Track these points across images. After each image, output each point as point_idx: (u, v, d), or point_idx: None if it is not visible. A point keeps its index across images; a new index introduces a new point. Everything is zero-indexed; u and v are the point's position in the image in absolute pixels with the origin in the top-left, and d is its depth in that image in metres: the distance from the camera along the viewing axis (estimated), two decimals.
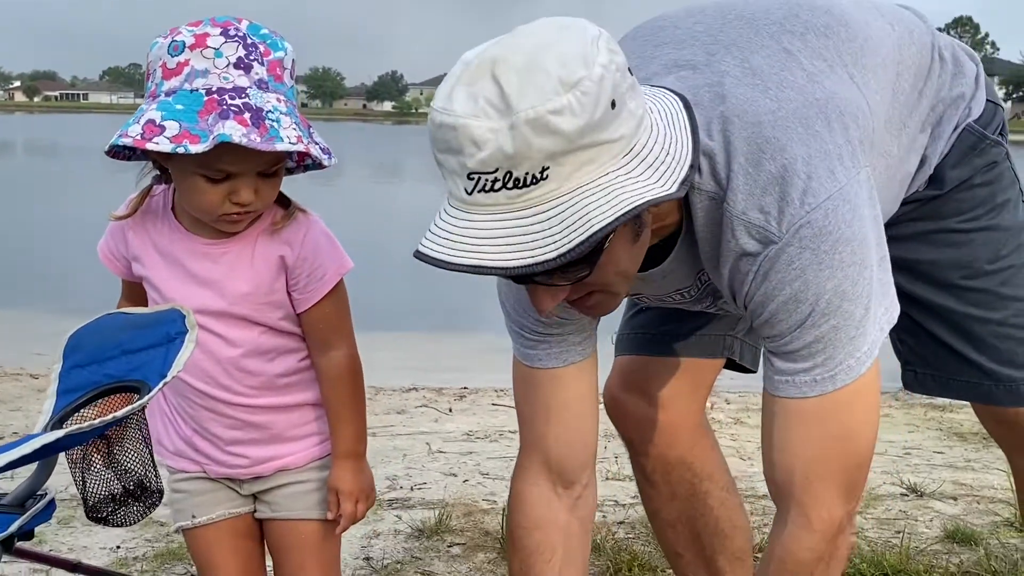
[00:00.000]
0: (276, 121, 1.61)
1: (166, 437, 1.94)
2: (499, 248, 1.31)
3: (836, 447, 1.57)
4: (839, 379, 1.51)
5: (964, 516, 3.60)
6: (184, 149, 1.56)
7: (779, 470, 1.61)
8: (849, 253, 1.46)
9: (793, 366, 1.54)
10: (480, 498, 3.76)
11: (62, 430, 1.28)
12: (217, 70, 1.62)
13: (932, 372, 1.99)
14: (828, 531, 1.59)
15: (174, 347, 1.44)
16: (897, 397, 5.92)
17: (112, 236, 1.90)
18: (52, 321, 7.60)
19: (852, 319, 1.49)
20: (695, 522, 2.18)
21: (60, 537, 3.21)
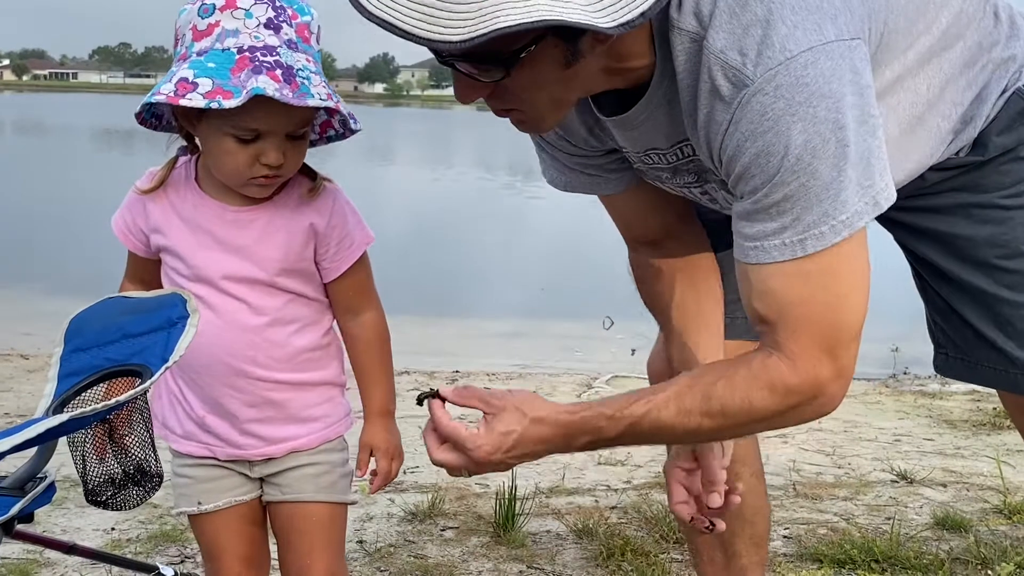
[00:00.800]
0: (307, 79, 1.65)
1: (173, 419, 1.93)
2: (416, 15, 1.30)
3: (822, 309, 1.50)
4: (809, 244, 1.46)
5: (953, 503, 3.63)
6: (218, 104, 1.59)
7: (762, 315, 1.55)
8: (824, 109, 1.40)
9: (762, 227, 1.48)
10: (473, 482, 3.77)
11: (65, 414, 1.27)
12: (248, 30, 1.65)
13: (961, 356, 1.93)
14: (809, 383, 1.52)
15: (176, 331, 1.44)
16: (887, 384, 5.95)
17: (130, 209, 1.89)
18: (42, 301, 7.60)
19: (822, 179, 1.42)
20: None
21: (54, 519, 3.21)
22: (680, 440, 1.67)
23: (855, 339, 1.55)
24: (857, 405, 5.31)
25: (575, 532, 3.23)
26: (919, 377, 6.26)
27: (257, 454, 1.91)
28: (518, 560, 3.02)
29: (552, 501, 3.55)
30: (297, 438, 1.92)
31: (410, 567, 2.94)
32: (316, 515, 1.95)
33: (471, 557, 3.04)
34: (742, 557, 2.20)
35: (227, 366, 1.84)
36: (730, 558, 2.21)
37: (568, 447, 1.60)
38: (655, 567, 2.89)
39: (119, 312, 1.55)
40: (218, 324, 1.81)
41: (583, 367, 6.22)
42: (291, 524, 1.95)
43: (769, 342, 1.55)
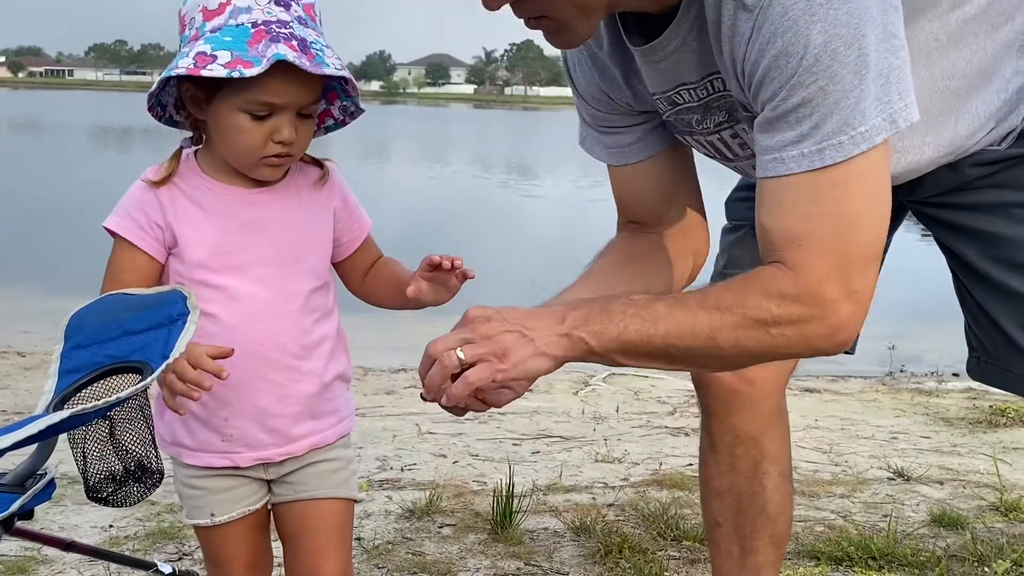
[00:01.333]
0: (320, 51, 1.68)
1: (184, 433, 1.87)
2: None
3: (831, 223, 1.46)
4: (827, 155, 1.43)
5: (950, 500, 3.64)
6: (239, 73, 1.61)
7: (770, 233, 1.52)
8: (845, 14, 1.40)
9: (781, 137, 1.46)
10: (470, 479, 3.78)
11: (66, 411, 1.27)
12: (259, 6, 1.68)
13: (992, 361, 1.93)
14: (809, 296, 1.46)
15: (176, 329, 1.44)
16: (884, 382, 5.96)
17: (143, 206, 1.82)
18: (40, 300, 7.60)
19: (842, 84, 1.41)
20: (744, 498, 2.18)
21: (51, 516, 3.21)
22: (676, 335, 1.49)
23: (868, 264, 1.50)
24: (854, 403, 5.33)
25: (572, 529, 3.23)
26: (916, 375, 6.27)
27: (280, 453, 1.88)
28: (515, 557, 3.02)
29: (549, 498, 3.56)
30: (316, 433, 1.91)
31: (408, 564, 2.94)
32: (332, 512, 1.94)
33: (468, 554, 3.05)
34: (759, 554, 2.20)
35: (259, 356, 1.81)
36: (747, 554, 2.21)
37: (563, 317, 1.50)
38: (652, 564, 2.90)
39: (120, 309, 1.55)
40: (249, 312, 1.79)
41: (580, 366, 6.21)
42: (304, 523, 1.93)
43: (774, 258, 1.51)
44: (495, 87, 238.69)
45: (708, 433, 2.22)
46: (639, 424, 4.73)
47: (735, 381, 2.13)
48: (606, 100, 1.86)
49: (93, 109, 61.86)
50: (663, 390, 5.46)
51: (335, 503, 1.94)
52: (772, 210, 1.51)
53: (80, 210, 13.92)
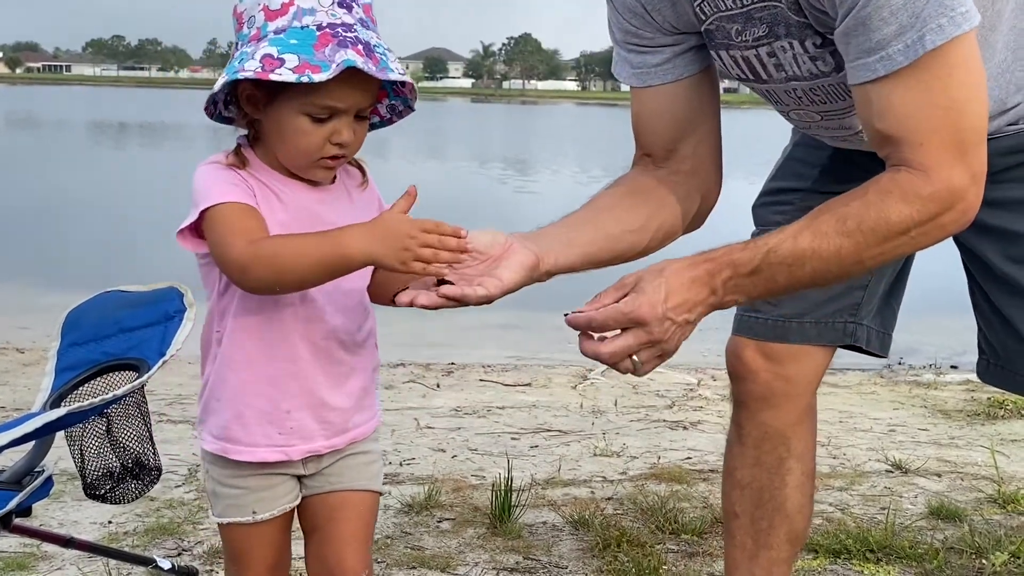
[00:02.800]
0: (384, 54, 1.67)
1: (238, 429, 1.84)
2: None
3: (947, 116, 1.50)
4: (929, 40, 1.45)
5: (948, 493, 3.64)
6: (308, 78, 1.60)
7: (885, 136, 1.55)
8: None
9: (881, 35, 1.48)
10: (469, 474, 3.78)
11: (63, 409, 1.28)
12: (323, 8, 1.66)
13: (1002, 364, 1.94)
14: (943, 189, 1.51)
15: (172, 325, 1.45)
16: (882, 375, 5.96)
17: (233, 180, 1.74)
18: (38, 295, 7.59)
19: None
20: (765, 492, 2.18)
21: (51, 512, 3.21)
22: (824, 270, 1.56)
23: (981, 143, 1.54)
24: (852, 396, 5.33)
25: (571, 523, 3.24)
26: (914, 367, 6.27)
27: (327, 446, 1.88)
28: (514, 551, 3.03)
29: (548, 492, 3.56)
30: (358, 427, 1.91)
31: (407, 559, 2.95)
32: (363, 504, 1.94)
33: (467, 548, 3.05)
34: (773, 550, 2.20)
35: (323, 350, 1.81)
36: (761, 548, 2.20)
37: (714, 289, 1.55)
38: (651, 558, 2.90)
39: (116, 306, 1.55)
40: (319, 307, 1.79)
41: (578, 359, 6.20)
42: (336, 514, 1.92)
43: (895, 160, 1.54)
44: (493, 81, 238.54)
45: (737, 425, 2.21)
46: (637, 418, 4.73)
47: (772, 378, 2.13)
48: (642, 12, 1.85)
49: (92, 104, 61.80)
50: (661, 384, 5.47)
51: (366, 495, 1.95)
52: (884, 114, 1.53)
53: (79, 206, 13.94)
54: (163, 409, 4.55)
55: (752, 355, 2.14)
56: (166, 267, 1.86)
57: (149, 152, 26.46)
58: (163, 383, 5.04)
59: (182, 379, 5.16)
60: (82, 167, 20.03)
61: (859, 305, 2.10)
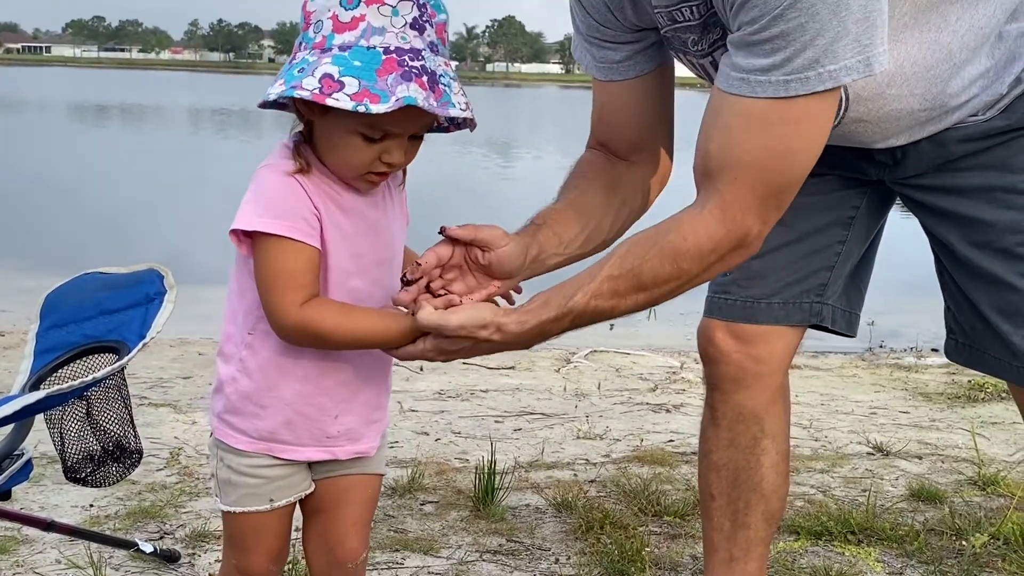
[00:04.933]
0: (448, 86, 1.60)
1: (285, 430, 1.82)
2: None
3: (771, 160, 1.56)
4: (792, 87, 1.49)
5: (929, 475, 3.66)
6: (365, 108, 1.53)
7: (711, 160, 1.60)
8: None
9: (752, 62, 1.52)
10: (452, 456, 3.78)
11: (42, 391, 1.27)
12: (394, 29, 1.58)
13: (969, 344, 1.96)
14: (735, 232, 1.59)
15: (153, 307, 1.44)
16: (863, 358, 5.99)
17: (289, 198, 1.68)
18: (18, 277, 7.53)
19: (820, 22, 1.45)
20: (741, 473, 2.19)
21: (31, 495, 3.19)
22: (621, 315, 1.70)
23: (789, 195, 1.61)
24: (834, 378, 5.35)
25: (554, 506, 3.24)
26: (895, 350, 6.31)
27: (372, 447, 1.89)
28: (498, 534, 3.03)
29: (531, 475, 3.57)
30: (383, 420, 1.93)
31: (390, 542, 2.94)
32: (371, 487, 1.95)
33: (451, 531, 3.05)
34: (750, 529, 2.22)
35: (372, 355, 1.79)
36: (739, 528, 2.22)
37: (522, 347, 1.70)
38: (634, 540, 2.91)
39: (95, 288, 1.54)
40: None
41: (561, 342, 6.22)
42: (342, 497, 1.91)
43: (705, 190, 1.61)
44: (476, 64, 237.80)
45: (711, 408, 2.23)
46: (620, 401, 4.74)
47: (743, 359, 2.15)
48: (604, 10, 1.85)
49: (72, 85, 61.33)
50: (644, 367, 5.48)
51: (373, 478, 1.95)
52: (720, 133, 1.58)
53: (59, 187, 13.84)
54: (144, 392, 4.53)
55: (723, 337, 2.16)
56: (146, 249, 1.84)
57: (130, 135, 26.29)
58: (144, 366, 5.02)
59: (163, 362, 5.13)
60: (61, 149, 19.89)
61: (825, 286, 2.13)
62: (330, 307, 1.68)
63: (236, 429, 1.81)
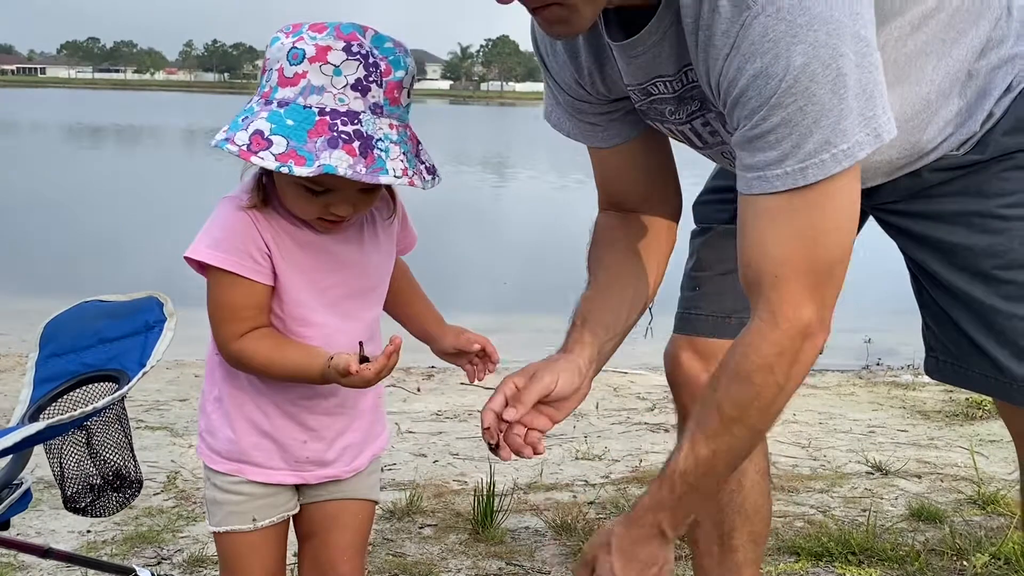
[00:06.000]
0: (384, 151, 1.59)
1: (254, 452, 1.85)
2: None
3: (806, 247, 1.54)
4: (810, 173, 1.47)
5: (928, 494, 3.65)
6: (288, 170, 1.53)
7: (749, 267, 1.59)
8: (825, 34, 1.42)
9: (764, 157, 1.50)
10: (451, 479, 3.77)
11: (42, 422, 1.26)
12: (334, 90, 1.58)
13: (952, 361, 1.96)
14: (792, 329, 1.56)
15: (153, 335, 1.43)
16: (861, 376, 5.99)
17: (239, 232, 1.72)
18: (12, 300, 7.51)
19: (820, 104, 1.44)
20: (723, 496, 2.18)
21: (28, 521, 3.18)
22: (735, 453, 1.65)
23: (837, 273, 1.58)
24: (831, 397, 5.35)
25: (553, 528, 3.23)
26: (892, 368, 6.30)
27: (348, 471, 1.90)
28: (497, 557, 3.02)
29: (530, 497, 3.56)
30: (373, 446, 1.94)
31: (389, 565, 2.93)
32: (361, 512, 1.95)
33: (450, 555, 3.04)
34: (738, 552, 2.21)
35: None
36: (726, 552, 2.21)
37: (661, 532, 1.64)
38: None
39: (95, 316, 1.54)
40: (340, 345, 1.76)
41: None
42: (332, 522, 1.92)
43: (754, 301, 1.59)
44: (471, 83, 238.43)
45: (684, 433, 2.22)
46: (619, 421, 4.73)
47: None
48: (577, 88, 1.85)
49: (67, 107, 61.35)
50: (642, 386, 5.47)
51: (364, 504, 1.96)
52: (751, 239, 1.57)
53: (53, 209, 13.82)
54: (141, 415, 4.51)
55: (689, 360, 2.16)
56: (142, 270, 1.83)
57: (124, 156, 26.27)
58: (141, 389, 5.00)
59: (160, 385, 5.12)
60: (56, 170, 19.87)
61: None
62: (265, 342, 1.71)
63: (212, 449, 1.85)
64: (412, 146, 1.66)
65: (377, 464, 1.99)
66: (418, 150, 1.68)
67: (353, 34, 1.60)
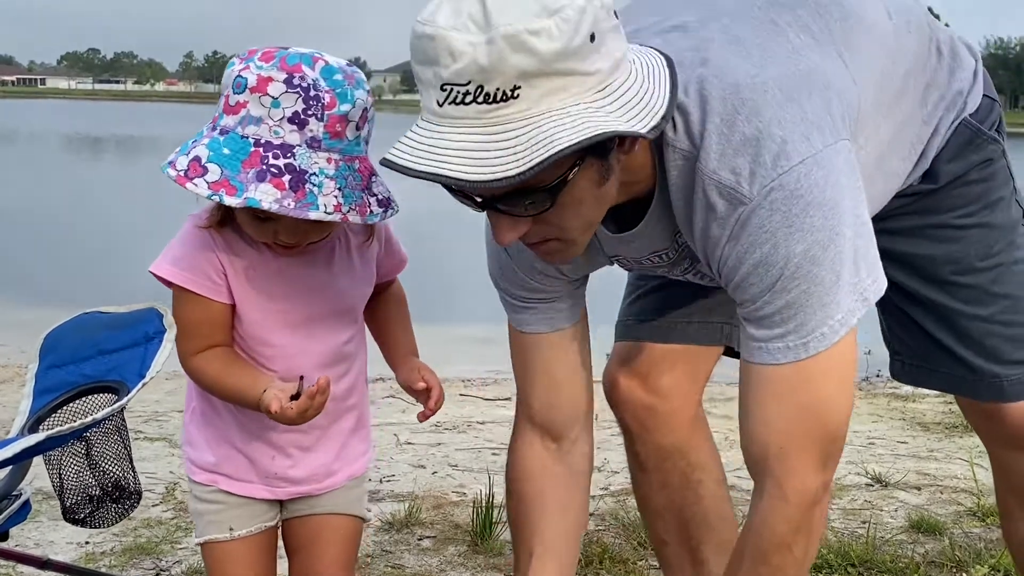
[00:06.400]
0: (317, 186, 1.57)
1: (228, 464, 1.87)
2: (463, 160, 1.31)
3: (809, 418, 1.56)
4: (812, 347, 1.51)
5: (928, 506, 3.65)
6: (219, 198, 1.54)
7: (754, 442, 1.61)
8: (820, 218, 1.46)
9: (766, 332, 1.53)
10: (449, 490, 3.76)
11: (42, 433, 1.26)
12: (270, 122, 1.57)
13: (918, 363, 2.01)
14: (803, 502, 1.58)
15: (152, 347, 1.43)
16: (860, 387, 5.98)
17: (197, 251, 1.74)
18: (11, 311, 7.51)
19: (823, 285, 1.48)
20: (683, 511, 2.19)
21: (26, 532, 3.17)
22: None
23: (840, 437, 1.62)
24: None
25: None
26: (891, 380, 6.29)
27: (320, 488, 1.90)
28: (496, 569, 3.01)
29: None
30: (351, 464, 1.94)
31: None
32: (343, 528, 1.95)
33: (449, 566, 3.03)
34: (709, 564, 2.21)
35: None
36: (698, 566, 2.22)
37: None
38: (633, 574, 2.90)
39: (94, 328, 1.54)
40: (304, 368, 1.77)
41: None
42: (315, 537, 1.92)
43: (759, 476, 1.62)
44: None
45: (634, 454, 2.24)
46: (617, 432, 4.69)
47: (648, 397, 2.15)
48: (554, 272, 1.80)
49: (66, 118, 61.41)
50: None
51: (346, 519, 1.95)
52: (754, 412, 1.60)
53: (53, 220, 13.82)
54: (140, 426, 4.51)
55: (626, 381, 2.17)
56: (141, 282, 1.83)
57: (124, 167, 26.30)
58: (140, 400, 4.98)
59: (159, 395, 5.11)
60: (56, 181, 19.89)
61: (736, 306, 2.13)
62: (216, 362, 1.72)
63: (191, 460, 1.88)
64: (362, 179, 1.64)
65: (358, 482, 1.98)
66: (370, 183, 1.65)
67: (298, 65, 1.59)
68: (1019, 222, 1.95)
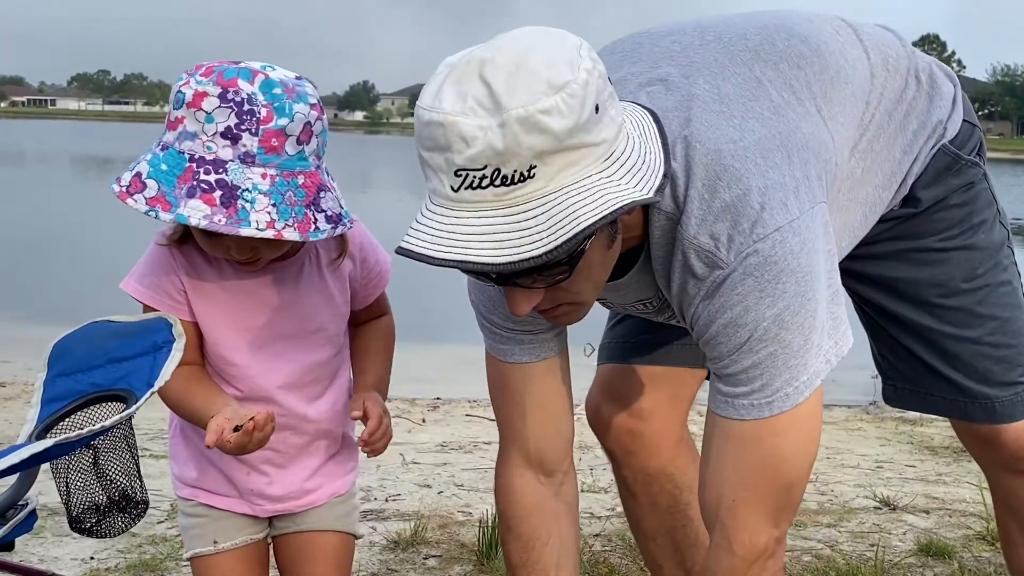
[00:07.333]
0: (250, 202, 1.56)
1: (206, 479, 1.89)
2: (485, 244, 1.32)
3: (765, 474, 1.59)
4: (776, 406, 1.54)
5: (937, 529, 3.63)
6: (155, 214, 1.55)
7: (708, 491, 1.64)
8: (793, 284, 1.48)
9: (732, 389, 1.56)
10: (455, 510, 3.75)
11: (50, 440, 1.26)
12: (204, 137, 1.57)
13: (910, 387, 2.01)
14: (749, 556, 1.60)
15: (161, 356, 1.43)
16: (868, 411, 5.96)
17: (158, 268, 1.76)
18: (19, 328, 7.52)
19: (790, 348, 1.51)
20: (675, 533, 2.18)
21: (31, 547, 3.16)
22: None
23: (795, 498, 1.64)
24: (839, 432, 5.32)
25: None
26: None
27: (300, 504, 1.90)
28: None
29: None
30: (334, 482, 1.93)
31: None
32: (332, 545, 1.94)
33: None
34: None
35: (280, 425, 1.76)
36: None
37: None
38: None
39: (103, 336, 1.53)
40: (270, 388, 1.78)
41: None
42: (305, 554, 1.92)
43: (712, 525, 1.65)
44: None
45: (621, 479, 2.24)
46: None
47: (631, 421, 2.15)
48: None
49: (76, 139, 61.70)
50: None
51: (335, 536, 1.94)
52: (713, 463, 1.63)
53: (61, 239, 13.86)
54: (145, 444, 4.50)
55: (609, 407, 2.17)
56: None
57: None
58: (145, 418, 4.99)
59: (164, 413, 5.08)
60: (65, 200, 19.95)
61: None
62: (178, 381, 1.67)
63: (175, 475, 1.91)
64: (306, 195, 1.61)
65: (343, 499, 1.96)
66: (316, 198, 1.63)
67: (234, 80, 1.58)
68: (1004, 244, 1.96)
